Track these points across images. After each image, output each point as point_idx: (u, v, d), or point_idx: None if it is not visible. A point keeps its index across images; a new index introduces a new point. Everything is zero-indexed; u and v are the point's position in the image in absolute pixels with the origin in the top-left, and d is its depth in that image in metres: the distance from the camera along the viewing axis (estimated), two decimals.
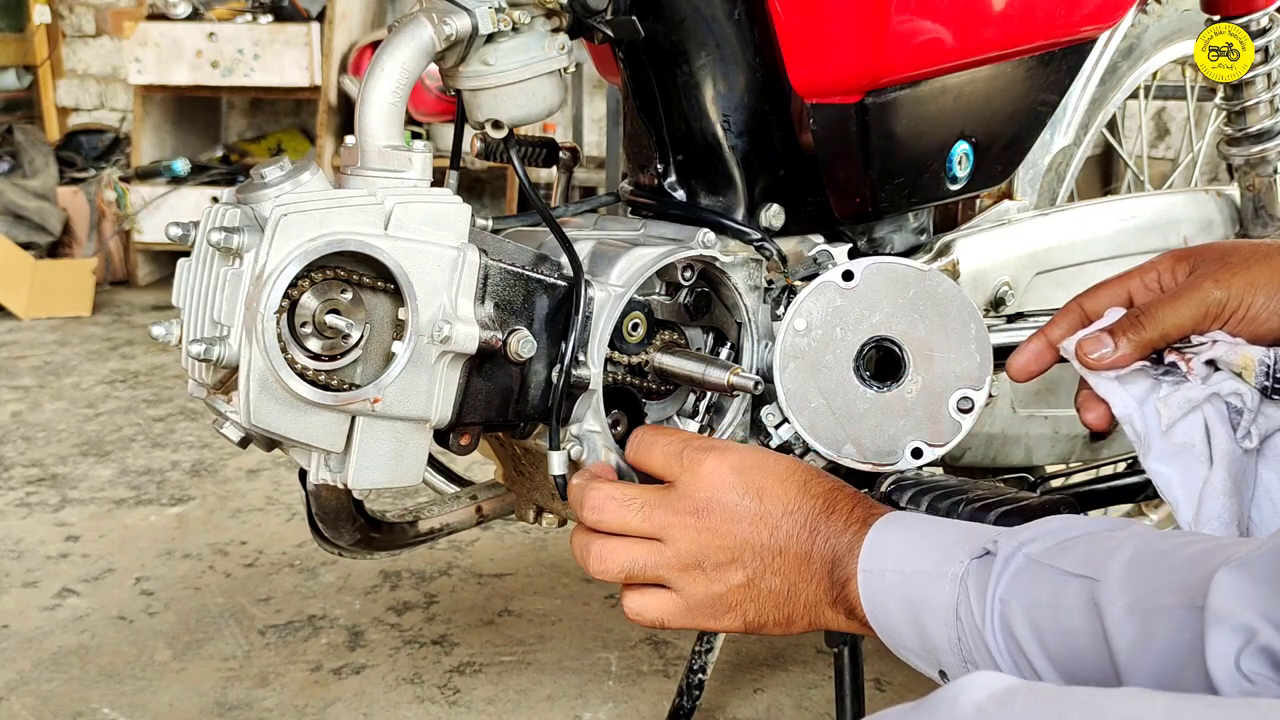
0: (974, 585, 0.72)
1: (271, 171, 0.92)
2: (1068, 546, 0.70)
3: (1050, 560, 0.70)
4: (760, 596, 0.83)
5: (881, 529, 0.79)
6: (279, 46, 3.96)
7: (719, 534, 0.84)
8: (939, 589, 0.74)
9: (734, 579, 0.83)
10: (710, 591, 0.84)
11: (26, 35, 4.65)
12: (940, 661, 0.75)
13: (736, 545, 0.83)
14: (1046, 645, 0.68)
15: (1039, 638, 0.68)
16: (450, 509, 1.20)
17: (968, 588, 0.72)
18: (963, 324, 1.03)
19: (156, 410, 2.77)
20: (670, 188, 1.15)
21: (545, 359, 1.01)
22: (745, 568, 0.83)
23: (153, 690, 1.54)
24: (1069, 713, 0.52)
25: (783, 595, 0.82)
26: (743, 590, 0.83)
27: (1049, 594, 0.68)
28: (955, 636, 0.72)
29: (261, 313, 0.88)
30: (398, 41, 0.97)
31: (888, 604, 0.77)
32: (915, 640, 0.76)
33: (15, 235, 3.93)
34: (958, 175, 1.16)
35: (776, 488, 0.84)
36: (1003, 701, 0.54)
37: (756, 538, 0.83)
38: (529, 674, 1.58)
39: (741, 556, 0.83)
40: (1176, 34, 1.57)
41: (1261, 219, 1.50)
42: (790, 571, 0.82)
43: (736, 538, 0.83)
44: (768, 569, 0.82)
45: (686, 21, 1.09)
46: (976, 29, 1.10)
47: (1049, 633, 0.68)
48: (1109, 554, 0.67)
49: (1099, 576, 0.66)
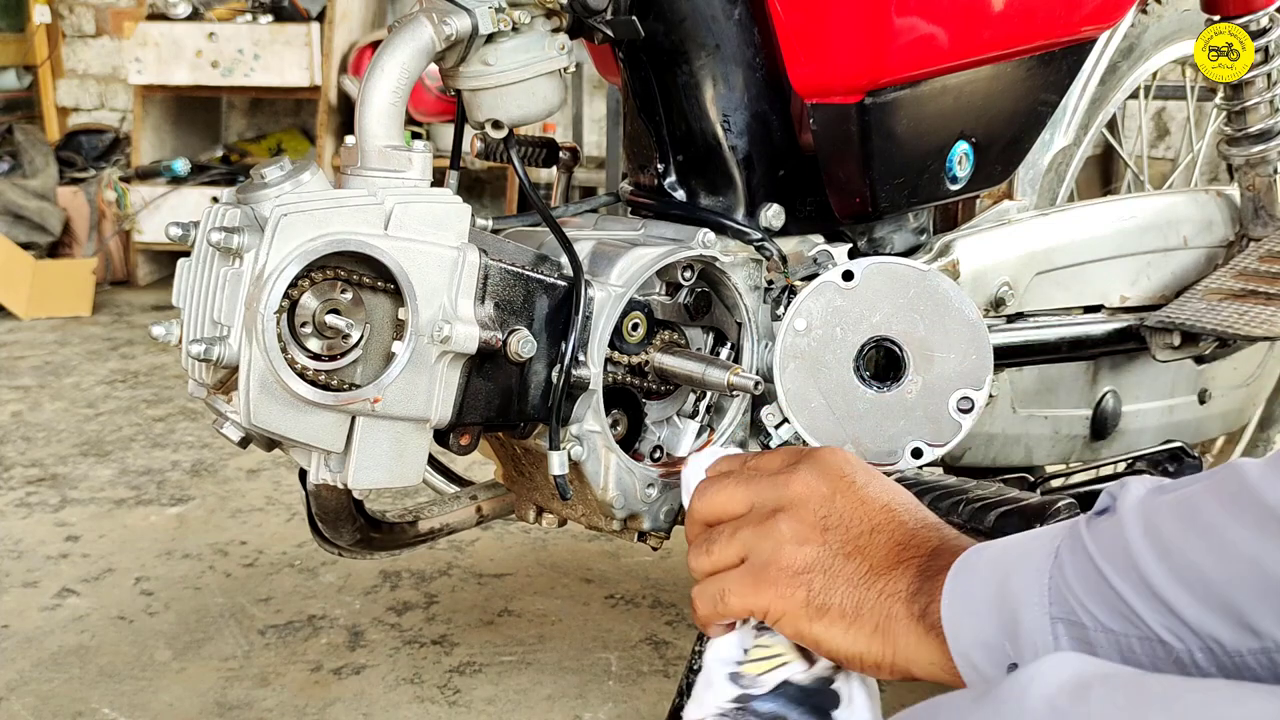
0: (1088, 522, 0.65)
1: (271, 171, 0.92)
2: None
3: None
4: (836, 572, 0.74)
5: (984, 545, 0.71)
6: (279, 46, 3.96)
7: (822, 498, 0.77)
8: (1041, 538, 0.67)
9: (809, 550, 0.75)
10: (795, 552, 0.75)
11: (26, 35, 4.65)
12: (1015, 643, 0.65)
13: (830, 510, 0.76)
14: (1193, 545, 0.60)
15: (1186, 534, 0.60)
16: (450, 509, 1.20)
17: (1079, 528, 0.65)
18: (963, 324, 1.03)
19: (156, 410, 2.77)
20: (670, 188, 1.15)
21: (545, 359, 1.01)
22: (828, 534, 0.75)
23: (153, 690, 1.54)
24: (1149, 707, 0.49)
25: (860, 575, 0.73)
26: (819, 561, 0.74)
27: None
28: (1047, 583, 0.64)
29: (261, 313, 0.88)
30: (398, 41, 0.97)
31: (973, 582, 0.68)
32: (990, 617, 0.66)
33: (15, 235, 3.93)
34: (958, 175, 1.16)
35: (885, 485, 0.79)
36: (1076, 696, 0.51)
37: (850, 511, 0.76)
38: (529, 674, 1.58)
39: (828, 520, 0.75)
40: (1176, 34, 1.57)
41: (1261, 219, 1.50)
42: (876, 553, 0.74)
43: (834, 505, 0.76)
44: (851, 543, 0.75)
45: (686, 21, 1.09)
46: (976, 29, 1.10)
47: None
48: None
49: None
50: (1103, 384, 1.43)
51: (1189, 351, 1.33)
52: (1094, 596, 0.62)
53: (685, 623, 1.72)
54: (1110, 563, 0.62)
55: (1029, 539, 0.68)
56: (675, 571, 1.88)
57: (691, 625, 1.70)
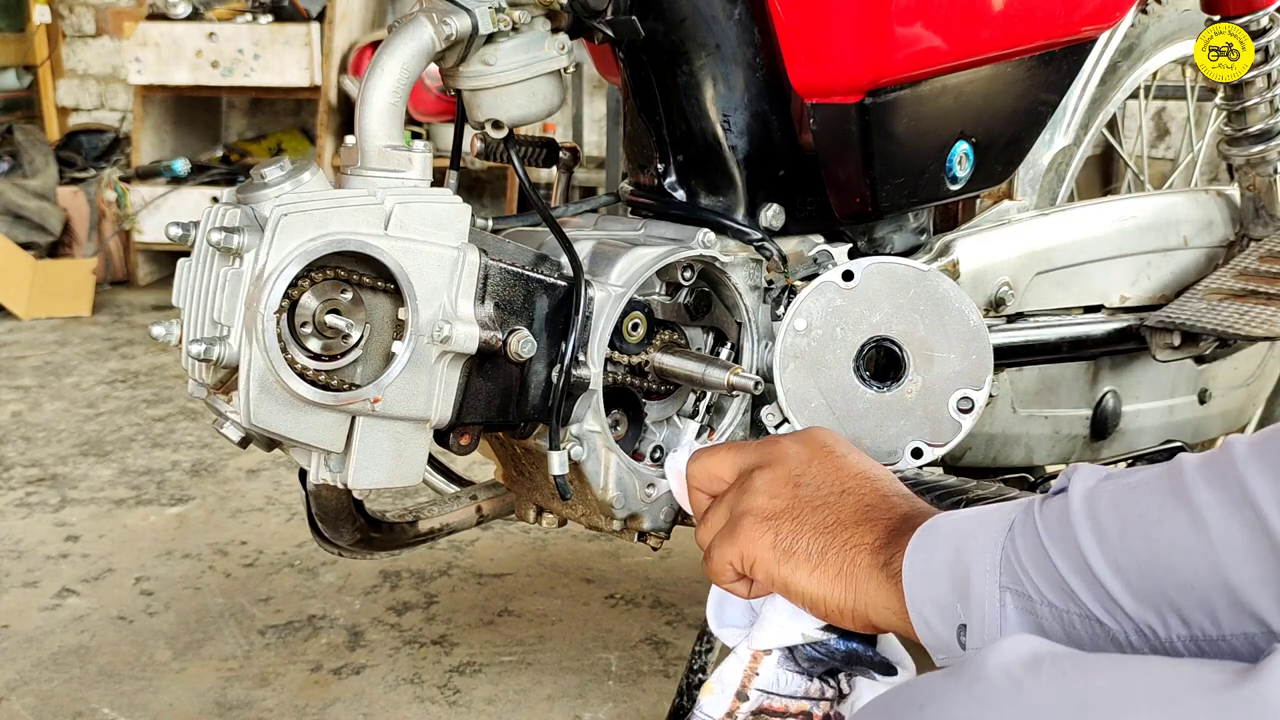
0: (1040, 503, 0.68)
1: (271, 171, 0.92)
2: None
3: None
4: (802, 518, 0.78)
5: (956, 512, 0.75)
6: (279, 46, 3.96)
7: (799, 458, 0.81)
8: (999, 512, 0.70)
9: (777, 500, 0.79)
10: (767, 504, 0.79)
11: (26, 35, 4.65)
12: (966, 606, 0.68)
13: (803, 469, 0.81)
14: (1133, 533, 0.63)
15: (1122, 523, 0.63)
16: (450, 509, 1.20)
17: (1032, 508, 0.68)
18: (963, 324, 1.03)
19: (156, 410, 2.77)
20: (670, 188, 1.15)
21: (545, 359, 1.01)
22: (798, 488, 0.79)
23: (153, 690, 1.54)
24: (1094, 675, 0.53)
25: (825, 524, 0.77)
26: (786, 509, 0.79)
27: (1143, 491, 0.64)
28: (999, 555, 0.67)
29: (261, 313, 0.88)
30: (398, 41, 0.97)
31: (933, 545, 0.71)
32: (945, 579, 0.69)
33: (15, 235, 3.93)
34: (958, 175, 1.16)
35: (863, 459, 0.83)
36: (1029, 667, 0.55)
37: (823, 472, 0.80)
38: (529, 674, 1.58)
39: (801, 478, 0.80)
40: (1176, 34, 1.57)
41: (1261, 219, 1.50)
42: (844, 509, 0.78)
43: (809, 467, 0.81)
44: (820, 496, 0.79)
45: (686, 21, 1.09)
46: (977, 29, 1.10)
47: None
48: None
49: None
50: (1103, 384, 1.43)
51: (1189, 351, 1.33)
52: (1040, 573, 0.66)
53: (685, 623, 1.72)
54: (1055, 544, 0.65)
55: (990, 510, 0.72)
56: (675, 571, 1.88)
57: (692, 625, 1.70)
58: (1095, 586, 0.63)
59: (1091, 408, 1.43)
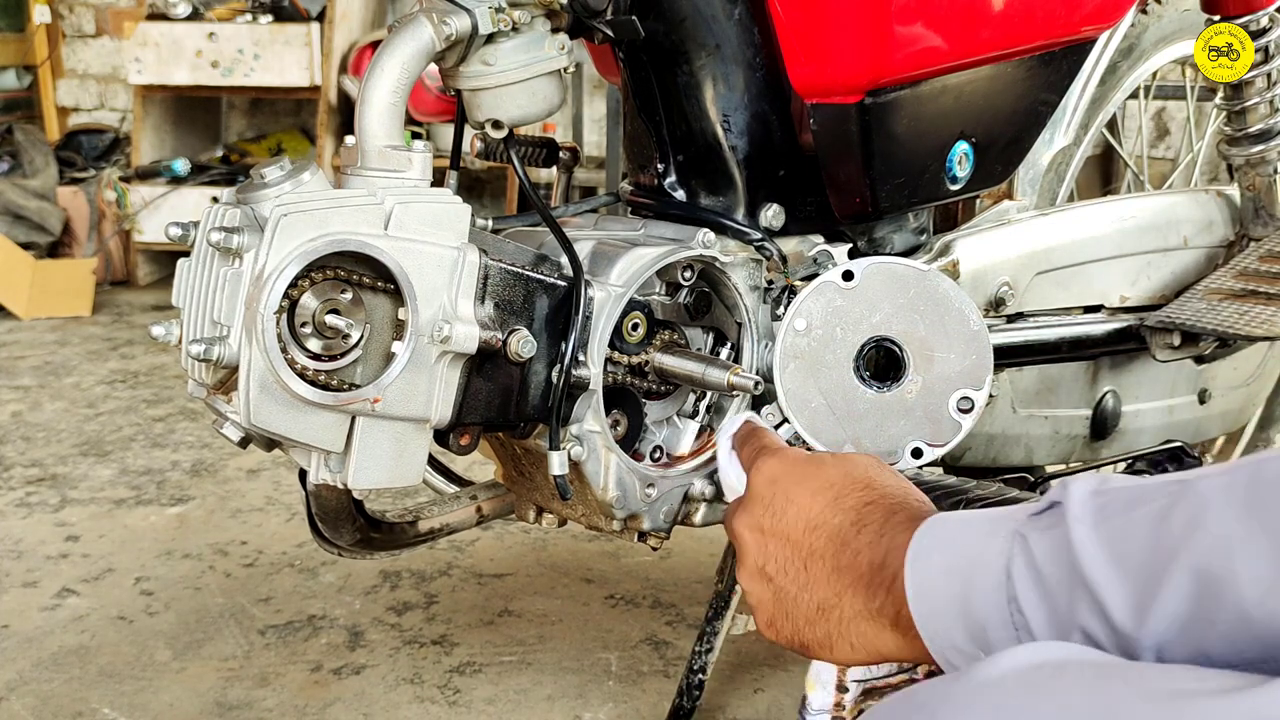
0: (1035, 530, 0.64)
1: (271, 171, 0.92)
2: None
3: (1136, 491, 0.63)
4: (792, 613, 0.78)
5: (931, 525, 0.72)
6: (279, 46, 3.96)
7: (756, 544, 0.81)
8: (991, 546, 0.66)
9: (764, 593, 0.79)
10: (760, 598, 0.80)
11: (26, 35, 4.65)
12: (989, 653, 0.65)
13: (765, 557, 0.80)
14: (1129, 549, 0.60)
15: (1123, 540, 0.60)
16: (450, 509, 1.20)
17: (1026, 538, 0.64)
18: (963, 324, 1.03)
19: (156, 410, 2.77)
20: (670, 188, 1.15)
21: (545, 359, 1.01)
22: (772, 582, 0.79)
23: (153, 690, 1.54)
24: (1112, 685, 0.51)
25: (812, 612, 0.77)
26: (775, 605, 0.79)
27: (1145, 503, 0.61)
28: (1005, 599, 0.64)
29: (261, 313, 0.88)
30: (398, 41, 0.97)
31: (934, 588, 0.68)
32: (961, 626, 0.67)
33: (15, 235, 3.93)
34: (958, 175, 1.16)
35: (805, 500, 0.80)
36: (1046, 672, 0.53)
37: (780, 552, 0.79)
38: (529, 674, 1.58)
39: (767, 568, 0.79)
40: (1176, 34, 1.57)
41: (1261, 219, 1.50)
42: (818, 586, 0.77)
43: (766, 551, 0.80)
44: (793, 583, 0.78)
45: (686, 21, 1.09)
46: (977, 29, 1.10)
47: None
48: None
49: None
50: (1103, 384, 1.43)
51: (1189, 351, 1.33)
52: (1059, 632, 0.62)
53: (685, 623, 1.72)
54: (1071, 598, 0.61)
55: (978, 542, 0.68)
56: (675, 571, 1.88)
57: (691, 625, 1.70)
58: (1126, 643, 0.58)
59: (1091, 408, 1.43)
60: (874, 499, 0.78)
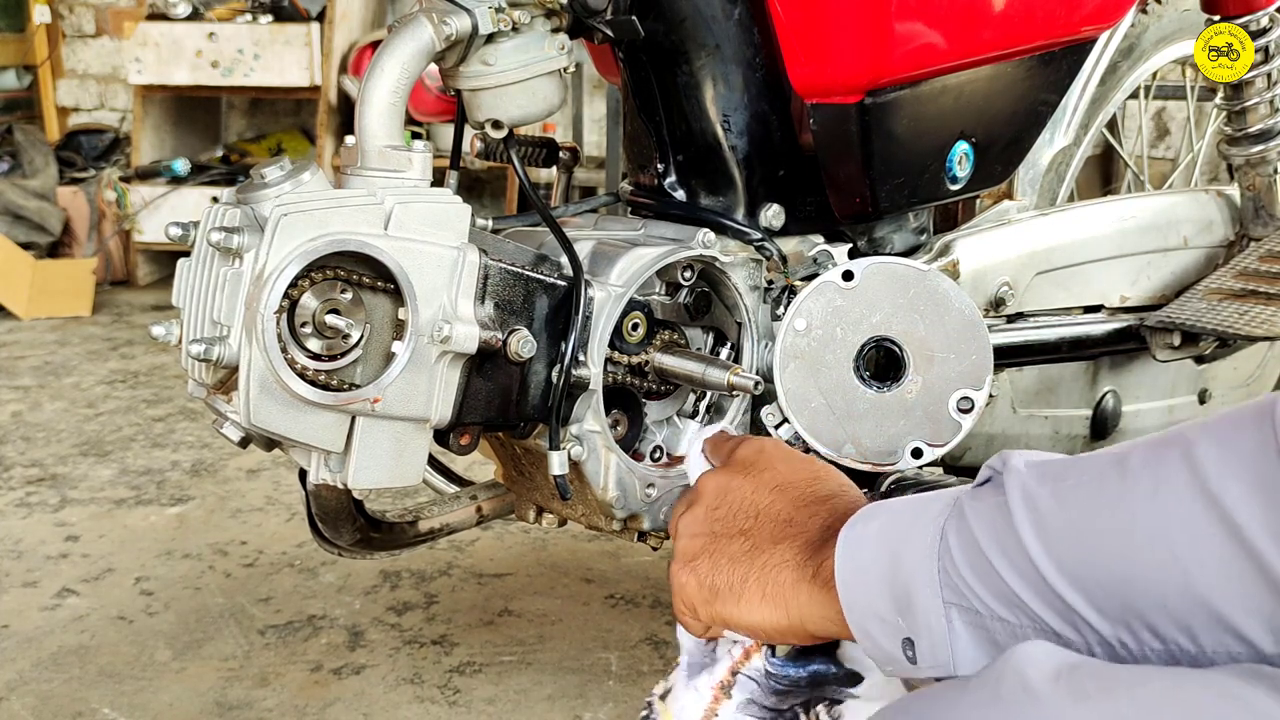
0: (973, 499, 0.64)
1: (271, 171, 0.92)
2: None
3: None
4: (716, 553, 0.79)
5: (879, 503, 0.73)
6: (279, 46, 3.96)
7: (717, 490, 0.83)
8: (926, 514, 0.66)
9: (699, 534, 0.81)
10: (689, 541, 0.81)
11: (26, 35, 4.65)
12: (911, 621, 0.65)
13: (720, 509, 0.82)
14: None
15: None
16: (450, 509, 1.20)
17: (963, 506, 0.64)
18: (963, 324, 1.03)
19: (156, 410, 2.76)
20: (670, 188, 1.15)
21: (545, 359, 1.01)
22: (713, 525, 0.81)
23: (153, 690, 1.54)
24: (1120, 695, 0.50)
25: (740, 552, 0.77)
26: (704, 544, 0.80)
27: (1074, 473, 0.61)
28: (936, 568, 0.64)
29: (261, 313, 0.88)
30: (398, 41, 0.97)
31: (863, 554, 0.68)
32: (883, 593, 0.66)
33: (15, 235, 3.93)
34: (958, 175, 1.16)
35: (781, 466, 0.83)
36: (1052, 680, 0.53)
37: (738, 500, 0.81)
38: (529, 674, 1.58)
39: (716, 513, 0.81)
40: (1176, 34, 1.57)
41: (1261, 219, 1.50)
42: (760, 532, 0.78)
43: (725, 503, 0.82)
44: (734, 528, 0.79)
45: (686, 21, 1.09)
46: (977, 29, 1.10)
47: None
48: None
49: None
50: (1103, 384, 1.43)
51: (1189, 351, 1.33)
52: (985, 586, 0.62)
53: None
54: (999, 553, 0.61)
55: (915, 509, 0.68)
56: None
57: None
58: (1050, 597, 0.59)
59: (1091, 408, 1.43)
60: (842, 493, 0.81)
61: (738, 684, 0.77)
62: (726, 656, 0.78)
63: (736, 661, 0.77)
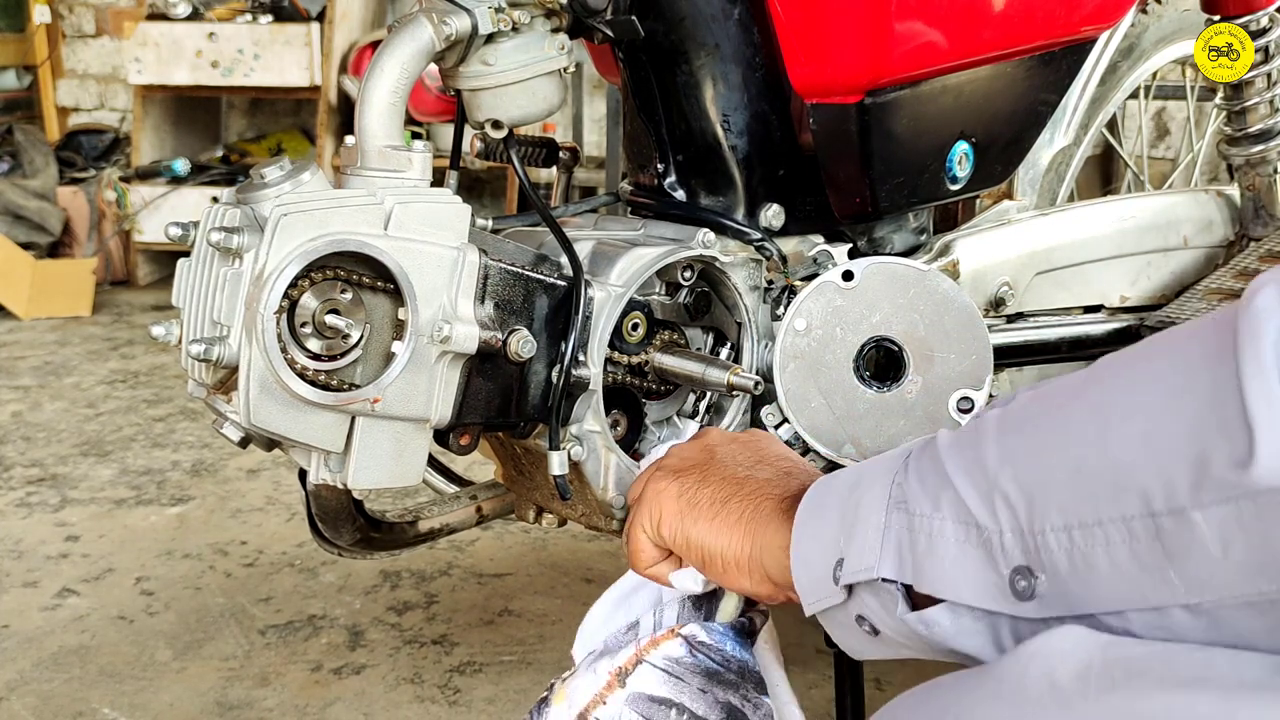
0: (941, 434, 0.64)
1: (271, 171, 0.92)
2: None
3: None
4: (713, 470, 0.78)
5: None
6: (279, 46, 3.96)
7: (722, 439, 0.83)
8: (902, 452, 0.66)
9: (698, 454, 0.80)
10: (679, 462, 0.80)
11: (26, 35, 4.65)
12: (848, 537, 0.64)
13: (725, 441, 0.82)
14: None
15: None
16: (450, 509, 1.20)
17: (932, 440, 0.64)
18: (963, 324, 1.03)
19: (156, 410, 2.77)
20: (670, 188, 1.15)
21: (545, 359, 1.01)
22: (716, 451, 0.80)
23: (153, 690, 1.54)
24: (1149, 692, 0.48)
25: (733, 478, 0.77)
26: (705, 463, 0.79)
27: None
28: (891, 480, 0.63)
29: (261, 313, 0.88)
30: (398, 41, 0.97)
31: (831, 487, 0.68)
32: (835, 513, 0.66)
33: (15, 235, 3.93)
34: (958, 175, 1.16)
35: (794, 455, 0.83)
36: (1078, 676, 0.51)
37: (745, 450, 0.81)
38: (529, 674, 1.58)
39: (716, 452, 0.81)
40: (1176, 34, 1.57)
41: (1261, 219, 1.50)
42: (757, 476, 0.77)
43: (728, 441, 0.82)
44: (732, 467, 0.79)
45: (686, 21, 1.09)
46: (977, 29, 1.10)
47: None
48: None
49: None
50: None
51: None
52: (922, 480, 0.60)
53: None
54: (953, 447, 0.60)
55: (882, 461, 0.67)
56: None
57: None
58: (980, 480, 0.57)
59: None
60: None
61: (636, 673, 0.73)
62: (634, 644, 0.75)
63: (642, 649, 0.74)
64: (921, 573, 0.59)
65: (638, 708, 0.72)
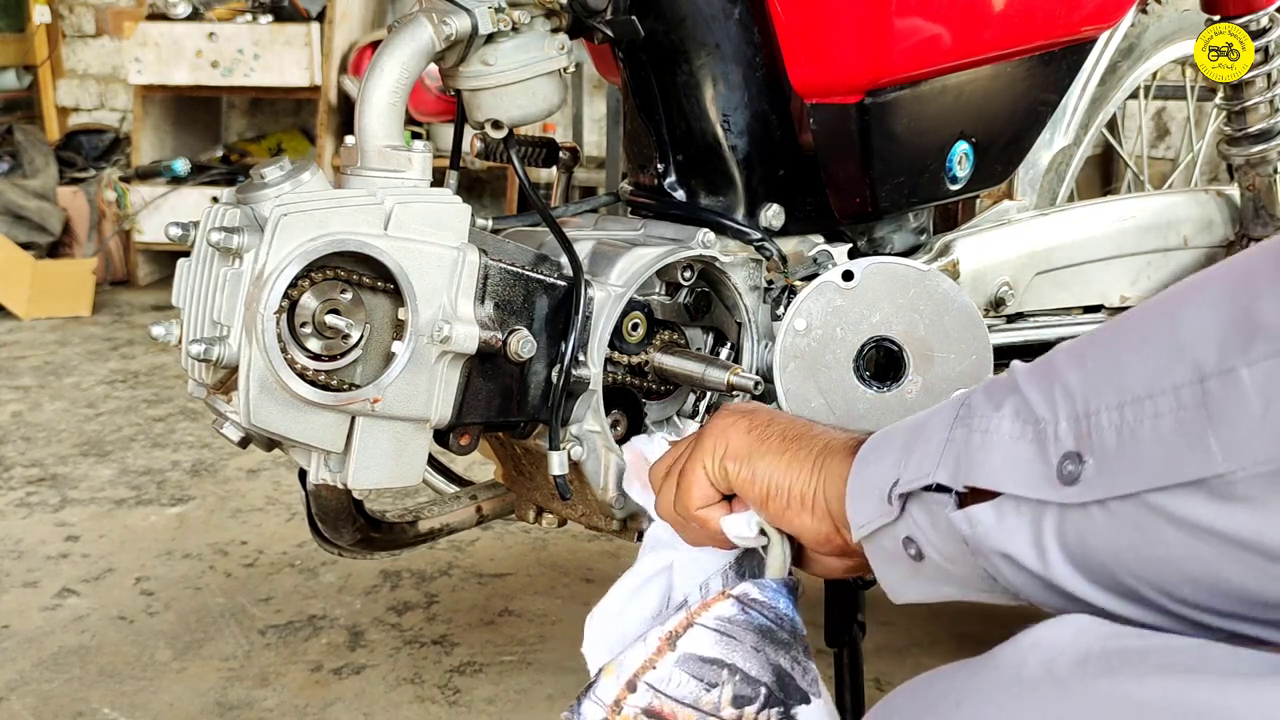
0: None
1: (271, 171, 0.92)
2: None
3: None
4: (774, 418, 0.79)
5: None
6: (279, 46, 3.96)
7: (744, 405, 0.83)
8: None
9: (738, 422, 0.80)
10: (730, 422, 0.80)
11: (26, 35, 4.65)
12: (907, 457, 0.65)
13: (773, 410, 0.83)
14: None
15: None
16: (450, 509, 1.20)
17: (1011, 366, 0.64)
18: (963, 324, 1.03)
19: (156, 410, 2.76)
20: (670, 188, 1.15)
21: (545, 359, 1.01)
22: (773, 412, 0.81)
23: (153, 690, 1.54)
24: (1147, 680, 0.49)
25: (797, 428, 0.77)
26: (767, 414, 0.80)
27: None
28: (960, 403, 0.63)
29: (261, 313, 0.88)
30: (398, 41, 0.97)
31: (898, 426, 0.69)
32: (899, 442, 0.66)
33: (15, 235, 3.93)
34: (958, 175, 1.16)
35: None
36: (1077, 663, 0.51)
37: (797, 420, 0.81)
38: (529, 674, 1.58)
39: (752, 421, 0.80)
40: (1176, 34, 1.57)
41: (1261, 219, 1.50)
42: (819, 429, 0.78)
43: (781, 414, 0.82)
44: (793, 422, 0.79)
45: (686, 21, 1.09)
46: (977, 29, 1.10)
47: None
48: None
49: None
50: None
51: None
52: (991, 392, 0.61)
53: None
54: (1027, 366, 0.60)
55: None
56: None
57: None
58: (1045, 377, 0.58)
59: None
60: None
61: (687, 635, 0.72)
62: (685, 609, 0.74)
63: (693, 612, 0.73)
64: (972, 467, 0.60)
65: (688, 668, 0.71)
